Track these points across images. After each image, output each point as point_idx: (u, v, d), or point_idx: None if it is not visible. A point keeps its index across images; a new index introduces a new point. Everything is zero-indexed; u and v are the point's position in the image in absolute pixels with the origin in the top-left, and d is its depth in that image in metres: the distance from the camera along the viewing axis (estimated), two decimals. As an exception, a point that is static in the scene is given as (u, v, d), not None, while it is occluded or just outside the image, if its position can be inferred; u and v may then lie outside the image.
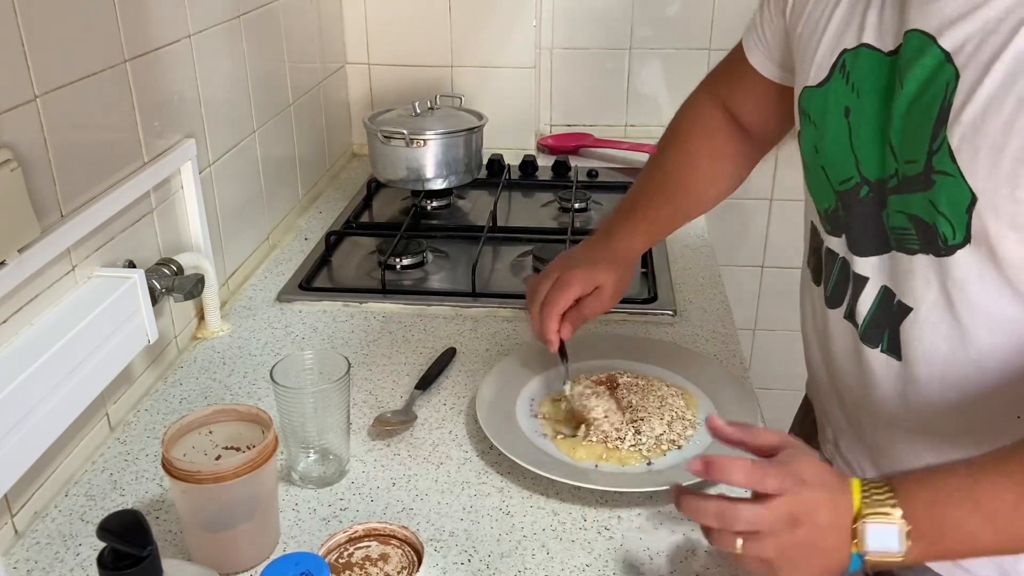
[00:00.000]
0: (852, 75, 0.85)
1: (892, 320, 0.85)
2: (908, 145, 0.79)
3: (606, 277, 1.03)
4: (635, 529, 0.87)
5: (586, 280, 1.02)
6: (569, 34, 1.94)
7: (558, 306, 1.01)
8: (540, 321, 1.02)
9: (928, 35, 0.76)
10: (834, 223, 0.90)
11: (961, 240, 0.76)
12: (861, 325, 0.88)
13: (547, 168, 1.82)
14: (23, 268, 0.82)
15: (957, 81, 0.74)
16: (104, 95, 0.97)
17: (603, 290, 1.03)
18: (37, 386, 0.81)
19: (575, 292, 1.01)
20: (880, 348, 0.86)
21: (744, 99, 1.09)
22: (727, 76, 1.11)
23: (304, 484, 0.93)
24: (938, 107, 0.75)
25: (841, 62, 0.86)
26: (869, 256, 0.86)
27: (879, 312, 0.86)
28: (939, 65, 0.75)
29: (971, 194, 0.74)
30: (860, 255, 0.87)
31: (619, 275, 1.05)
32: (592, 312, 1.03)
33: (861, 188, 0.85)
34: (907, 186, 0.80)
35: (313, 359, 0.94)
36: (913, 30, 0.77)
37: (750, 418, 0.99)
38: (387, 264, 1.36)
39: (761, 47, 1.03)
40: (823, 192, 0.91)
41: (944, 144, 0.75)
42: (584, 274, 1.02)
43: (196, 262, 1.14)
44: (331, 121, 1.80)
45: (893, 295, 0.84)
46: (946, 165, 0.75)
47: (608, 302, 1.04)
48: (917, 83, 0.77)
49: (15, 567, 0.82)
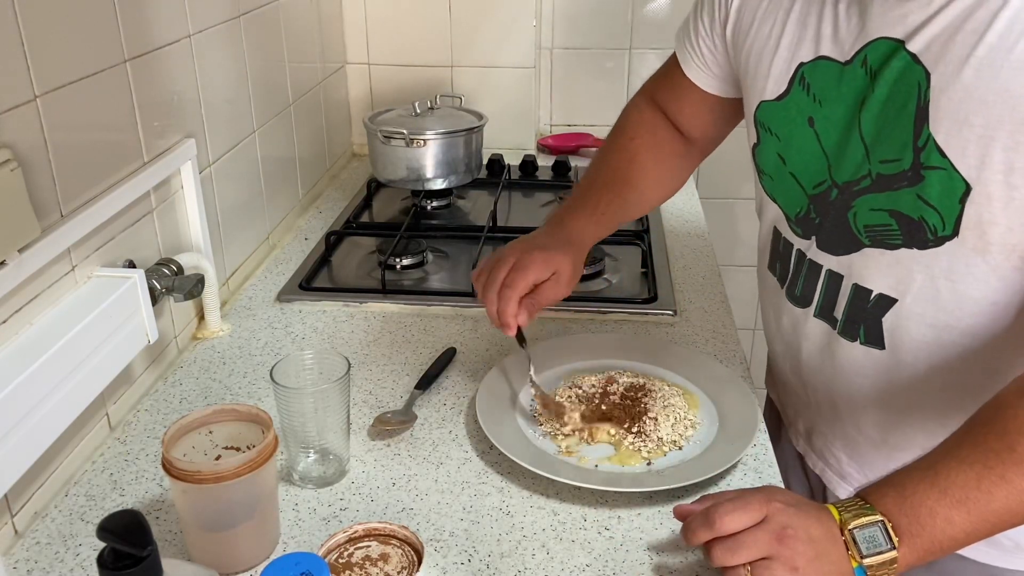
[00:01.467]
0: (813, 86, 0.88)
1: (869, 314, 0.88)
2: (885, 146, 0.82)
3: (563, 262, 1.01)
4: (635, 529, 0.87)
5: (544, 264, 0.99)
6: (569, 34, 1.94)
7: (516, 289, 0.97)
8: (498, 305, 0.98)
9: (895, 41, 0.80)
10: (804, 226, 0.94)
11: (950, 232, 0.79)
12: (839, 321, 0.91)
13: (547, 168, 1.82)
14: (23, 268, 0.82)
15: (928, 79, 0.77)
16: (104, 95, 0.97)
17: (560, 275, 1.01)
18: (37, 386, 0.81)
19: (533, 276, 0.98)
20: (859, 341, 0.90)
21: (681, 107, 1.12)
22: (666, 84, 1.13)
23: (304, 484, 0.93)
24: (914, 106, 0.78)
25: (800, 75, 0.89)
26: (842, 255, 0.89)
27: (853, 308, 0.89)
28: (907, 67, 0.79)
29: (965, 184, 0.77)
30: (833, 254, 0.90)
31: (575, 261, 1.03)
32: (548, 299, 1.00)
33: (831, 191, 0.89)
34: (888, 184, 0.83)
35: (313, 359, 0.94)
36: (879, 38, 0.81)
37: (750, 418, 0.99)
38: (387, 264, 1.36)
39: (696, 60, 1.06)
40: (793, 197, 0.94)
41: (930, 140, 0.78)
42: (543, 258, 0.99)
43: (196, 262, 1.14)
44: (331, 121, 1.80)
45: (868, 291, 0.88)
46: (935, 160, 0.78)
47: (564, 289, 1.02)
48: (888, 86, 0.81)
49: (15, 567, 0.82)
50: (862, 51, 0.83)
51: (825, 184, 0.89)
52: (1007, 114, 0.72)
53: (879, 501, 0.74)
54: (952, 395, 0.87)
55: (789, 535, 0.72)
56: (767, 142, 0.96)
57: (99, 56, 0.96)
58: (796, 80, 0.90)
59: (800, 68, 0.89)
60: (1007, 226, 0.76)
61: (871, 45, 0.82)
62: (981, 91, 0.74)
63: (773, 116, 0.93)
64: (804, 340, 0.97)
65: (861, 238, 0.86)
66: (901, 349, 0.87)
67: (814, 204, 0.91)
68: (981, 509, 0.70)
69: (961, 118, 0.75)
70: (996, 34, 0.73)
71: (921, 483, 0.72)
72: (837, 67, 0.86)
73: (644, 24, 1.93)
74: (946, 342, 0.84)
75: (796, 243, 0.95)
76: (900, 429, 0.92)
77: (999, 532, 0.72)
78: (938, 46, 0.76)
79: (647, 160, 1.12)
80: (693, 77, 1.07)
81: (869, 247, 0.86)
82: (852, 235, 0.87)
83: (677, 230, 1.56)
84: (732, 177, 2.05)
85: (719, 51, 1.02)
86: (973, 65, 0.74)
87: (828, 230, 0.90)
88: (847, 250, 0.88)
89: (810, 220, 0.92)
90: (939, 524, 0.71)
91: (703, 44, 1.04)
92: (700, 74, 1.06)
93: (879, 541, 0.72)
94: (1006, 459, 0.70)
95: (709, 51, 1.03)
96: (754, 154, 0.99)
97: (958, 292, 0.81)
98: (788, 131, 0.92)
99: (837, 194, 0.88)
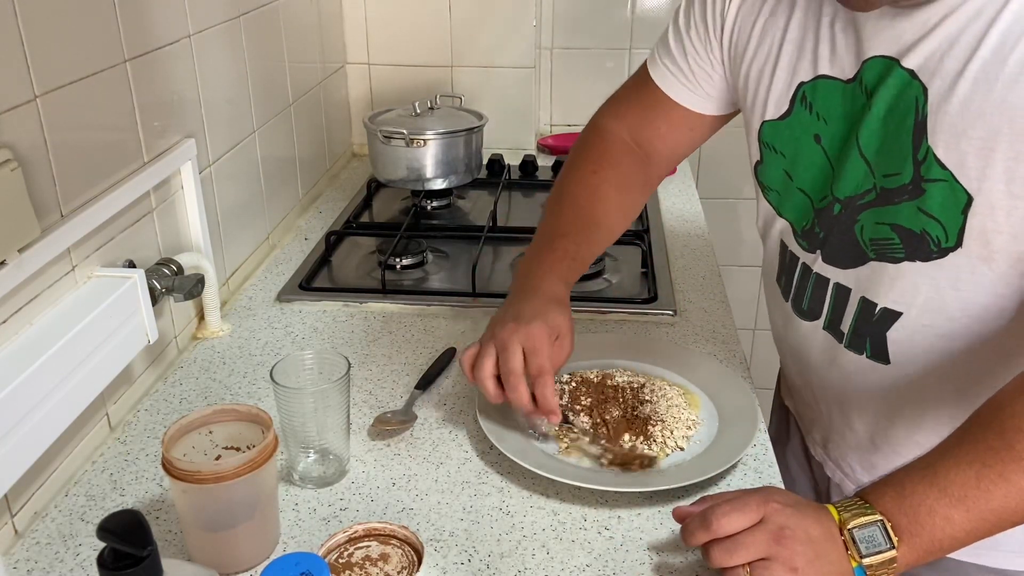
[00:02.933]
0: (815, 105, 0.89)
1: (874, 327, 0.88)
2: (886, 160, 0.82)
3: (561, 322, 0.95)
4: (635, 529, 0.87)
5: (549, 335, 0.93)
6: (569, 34, 1.94)
7: (547, 373, 0.91)
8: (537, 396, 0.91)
9: (890, 59, 0.80)
10: (810, 240, 0.94)
11: (953, 243, 0.79)
12: (846, 335, 0.91)
13: (547, 168, 1.82)
14: (23, 268, 0.82)
15: (926, 94, 0.78)
16: (104, 95, 0.97)
17: (564, 336, 0.95)
18: (37, 386, 0.81)
19: (547, 350, 0.92)
20: (865, 354, 0.90)
21: (657, 125, 1.08)
22: (638, 103, 1.09)
23: (304, 484, 0.93)
24: (912, 121, 0.79)
25: (800, 94, 0.90)
26: (848, 268, 0.89)
27: (860, 320, 0.89)
28: (905, 83, 0.79)
29: (967, 195, 0.77)
30: (840, 267, 0.90)
31: (567, 315, 0.97)
32: (559, 362, 0.94)
33: (834, 206, 0.89)
34: (890, 198, 0.83)
35: (313, 359, 0.94)
36: (874, 56, 0.82)
37: (750, 418, 0.99)
38: (387, 264, 1.36)
39: (682, 80, 1.03)
40: (802, 212, 0.94)
41: (929, 153, 0.78)
42: (544, 330, 0.92)
43: (196, 262, 1.14)
44: (331, 121, 1.80)
45: (874, 304, 0.88)
46: (935, 172, 0.78)
47: (569, 347, 0.96)
48: (886, 103, 0.81)
49: (15, 567, 0.82)
50: (861, 69, 0.83)
51: (827, 199, 0.90)
52: (1005, 125, 0.73)
53: (878, 500, 0.74)
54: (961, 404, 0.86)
55: (787, 535, 0.72)
56: (771, 160, 0.95)
57: (99, 56, 0.96)
58: (797, 99, 0.90)
59: (800, 87, 0.89)
60: (1011, 234, 0.76)
61: (867, 64, 0.82)
62: (978, 104, 0.74)
63: (777, 135, 0.93)
64: (812, 352, 0.97)
65: (867, 251, 0.87)
66: (907, 362, 0.87)
67: (818, 218, 0.92)
68: (980, 508, 0.70)
69: (959, 131, 0.76)
70: (989, 48, 0.73)
71: (920, 482, 0.73)
72: (839, 85, 0.86)
73: (644, 24, 1.93)
74: (954, 351, 0.84)
75: (802, 256, 0.95)
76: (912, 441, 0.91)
77: (999, 531, 0.72)
78: (934, 62, 0.77)
79: (610, 194, 1.08)
80: (678, 97, 1.04)
81: (875, 260, 0.86)
82: (859, 249, 0.87)
83: (677, 230, 1.56)
84: (732, 177, 2.05)
85: (715, 71, 1.01)
86: (968, 78, 0.74)
87: (834, 244, 0.90)
88: (854, 263, 0.88)
89: (814, 234, 0.92)
90: (938, 523, 0.71)
91: (693, 63, 1.01)
92: (688, 95, 1.04)
93: (878, 541, 0.72)
94: (1005, 457, 0.70)
95: (701, 70, 1.01)
96: (756, 172, 0.99)
97: (965, 301, 0.81)
98: (794, 149, 0.92)
99: (840, 209, 0.88)
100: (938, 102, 0.77)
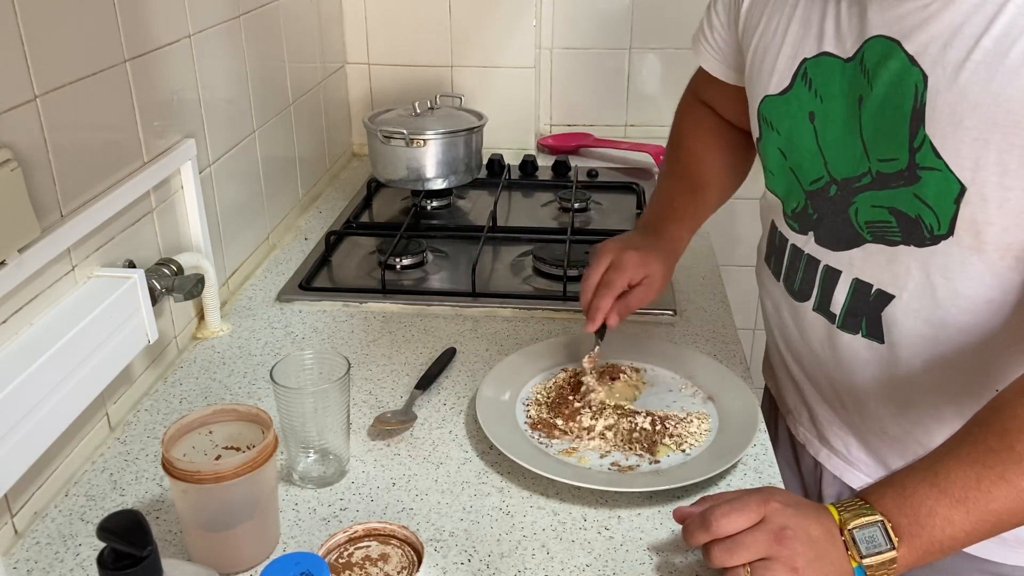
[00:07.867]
0: (815, 82, 0.89)
1: (870, 308, 0.89)
2: (882, 144, 0.83)
3: (657, 267, 1.04)
4: (635, 529, 0.87)
5: (641, 266, 1.03)
6: (569, 34, 1.94)
7: (614, 288, 1.01)
8: (592, 300, 1.01)
9: (892, 40, 0.80)
10: (801, 221, 0.95)
11: (946, 231, 0.80)
12: (838, 316, 0.92)
13: (547, 168, 1.82)
14: (23, 268, 0.82)
15: (926, 82, 0.78)
16: (104, 95, 0.97)
17: (652, 280, 1.04)
18: (37, 386, 0.81)
19: (628, 276, 1.02)
20: (860, 334, 0.91)
21: (716, 100, 1.16)
22: (702, 81, 1.17)
23: (304, 484, 0.93)
24: (910, 107, 0.79)
25: (803, 70, 0.90)
26: (841, 250, 0.90)
27: (854, 301, 0.90)
28: (905, 68, 0.79)
29: (959, 185, 0.77)
30: (833, 250, 0.91)
31: (667, 268, 1.06)
32: (640, 303, 1.03)
33: (830, 187, 0.90)
34: (887, 182, 0.84)
35: (313, 359, 0.94)
36: (877, 36, 0.82)
37: (750, 418, 0.99)
38: (387, 264, 1.36)
39: (716, 55, 1.09)
40: (792, 193, 0.95)
41: (925, 141, 0.79)
42: (640, 259, 1.03)
43: (196, 262, 1.14)
44: (331, 121, 1.80)
45: (869, 285, 0.88)
46: (930, 160, 0.79)
47: (655, 294, 1.05)
48: (885, 86, 0.81)
49: (15, 567, 0.82)
50: (862, 48, 0.83)
51: (823, 180, 0.90)
52: (1001, 117, 0.73)
53: (878, 501, 0.74)
54: (947, 391, 0.87)
55: (788, 535, 0.72)
56: (769, 137, 0.97)
57: (99, 56, 0.96)
58: (799, 75, 0.91)
59: (803, 63, 0.90)
60: (1002, 226, 0.77)
61: (869, 43, 0.82)
62: (976, 94, 0.74)
63: (775, 111, 0.94)
64: (804, 332, 0.98)
65: (863, 234, 0.87)
66: (899, 344, 0.88)
67: (811, 200, 0.92)
68: (981, 509, 0.70)
69: (956, 120, 0.76)
70: (992, 39, 0.73)
71: (921, 483, 0.73)
72: (839, 63, 0.86)
73: (644, 24, 1.93)
74: (942, 339, 0.85)
75: (792, 238, 0.97)
76: (899, 423, 0.93)
77: (999, 532, 0.72)
78: (935, 49, 0.77)
79: (713, 157, 1.15)
80: (714, 70, 1.10)
81: (870, 243, 0.87)
82: (854, 230, 0.88)
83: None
84: (732, 177, 2.05)
85: (733, 45, 1.05)
86: (969, 69, 0.75)
87: (828, 225, 0.91)
88: (848, 245, 0.89)
89: (807, 216, 0.93)
90: (939, 524, 0.71)
91: (719, 39, 1.07)
92: (721, 67, 1.09)
93: (879, 541, 0.72)
94: (1006, 459, 0.70)
95: (726, 44, 1.06)
96: (758, 149, 1.01)
97: (954, 290, 0.82)
98: (789, 126, 0.93)
99: (837, 190, 0.89)
100: (937, 91, 0.77)
